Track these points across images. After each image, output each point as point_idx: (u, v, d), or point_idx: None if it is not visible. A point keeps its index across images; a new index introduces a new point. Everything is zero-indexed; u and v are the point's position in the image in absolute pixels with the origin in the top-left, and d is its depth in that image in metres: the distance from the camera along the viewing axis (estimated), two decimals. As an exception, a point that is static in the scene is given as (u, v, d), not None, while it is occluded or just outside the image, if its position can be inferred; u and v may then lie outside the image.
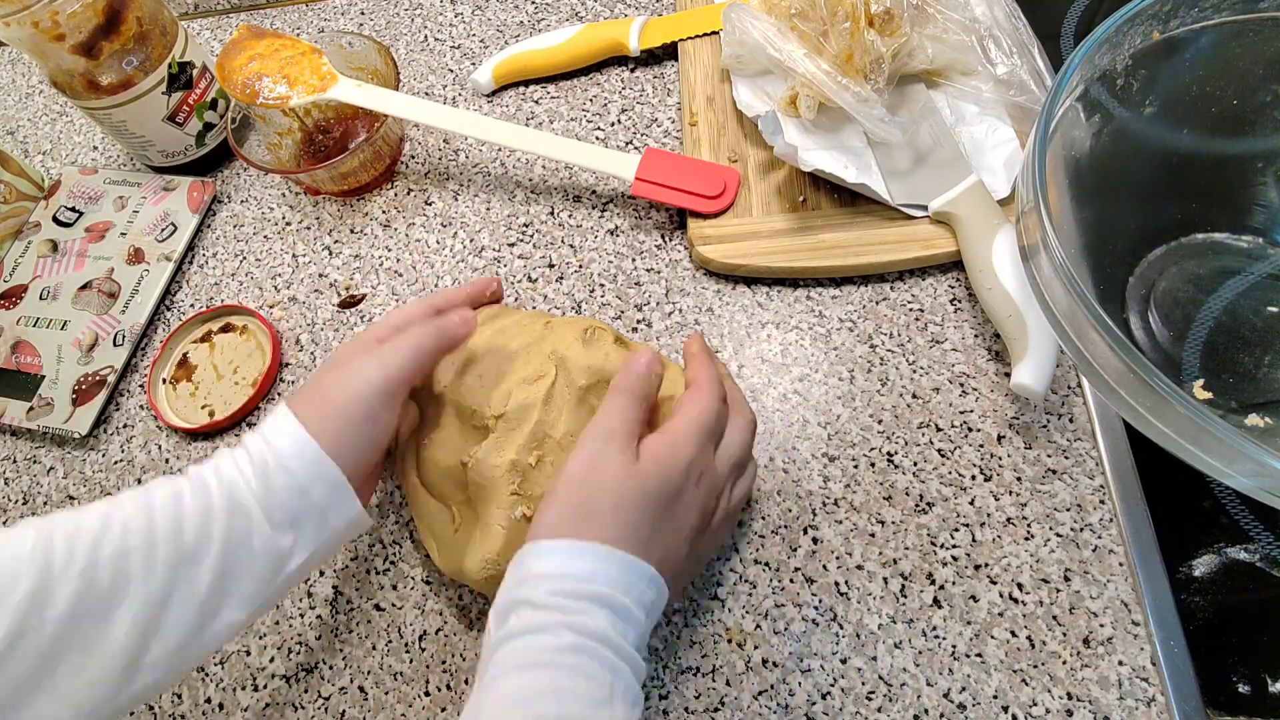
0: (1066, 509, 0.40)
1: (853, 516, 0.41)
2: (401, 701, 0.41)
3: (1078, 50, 0.37)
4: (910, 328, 0.46)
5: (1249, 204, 0.42)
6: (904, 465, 0.42)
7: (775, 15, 0.48)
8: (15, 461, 0.52)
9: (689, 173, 0.50)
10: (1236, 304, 0.41)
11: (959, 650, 0.37)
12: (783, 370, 0.46)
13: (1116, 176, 0.42)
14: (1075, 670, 0.36)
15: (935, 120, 0.49)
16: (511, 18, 0.65)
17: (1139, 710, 0.35)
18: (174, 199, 0.59)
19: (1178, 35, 0.39)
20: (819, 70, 0.45)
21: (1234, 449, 0.28)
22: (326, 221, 0.58)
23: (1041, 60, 0.48)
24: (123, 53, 0.53)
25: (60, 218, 0.60)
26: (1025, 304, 0.40)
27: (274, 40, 0.55)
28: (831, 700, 0.37)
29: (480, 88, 0.60)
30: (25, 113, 0.70)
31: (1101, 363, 0.32)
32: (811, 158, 0.46)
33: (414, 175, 0.58)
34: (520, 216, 0.55)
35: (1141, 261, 0.43)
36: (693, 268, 0.50)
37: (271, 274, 0.56)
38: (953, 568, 0.39)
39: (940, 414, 0.43)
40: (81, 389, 0.52)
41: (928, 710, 0.36)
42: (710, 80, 0.55)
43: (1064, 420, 0.42)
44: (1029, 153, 0.35)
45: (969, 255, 0.44)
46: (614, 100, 0.58)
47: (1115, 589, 0.38)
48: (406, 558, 0.44)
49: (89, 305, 0.55)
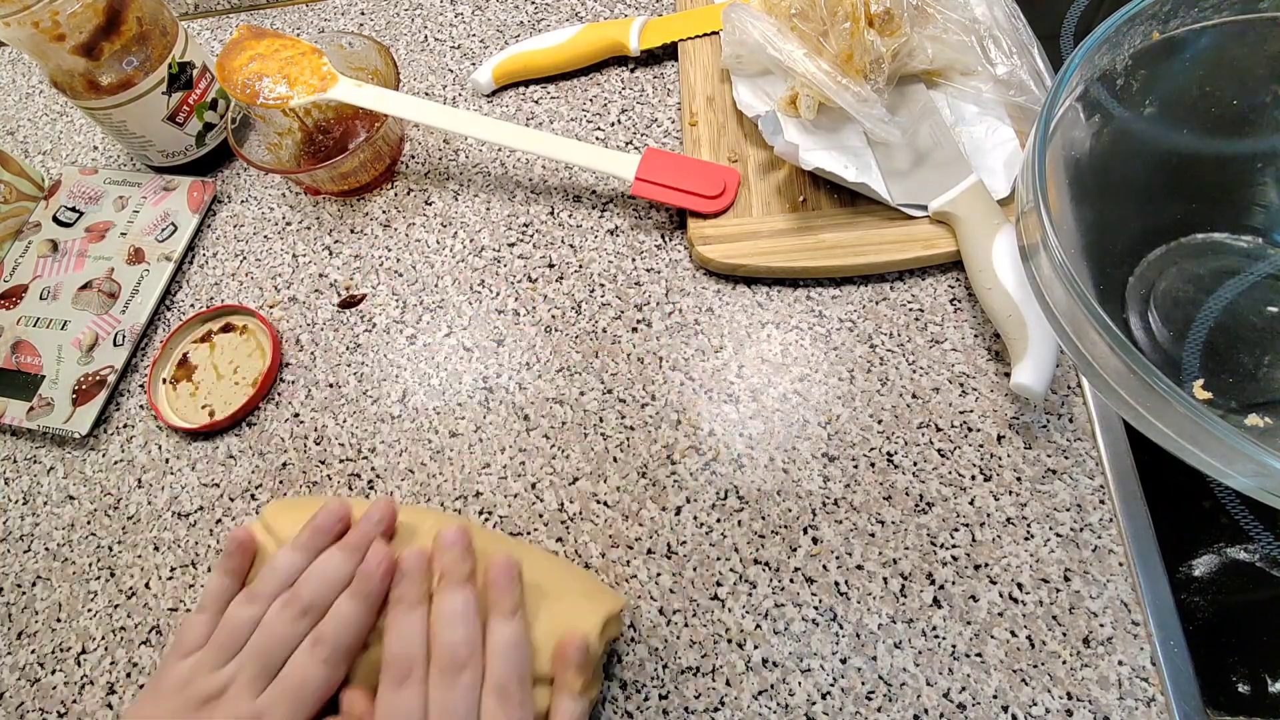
0: (1066, 509, 0.40)
1: (853, 516, 0.41)
2: (401, 701, 0.41)
3: (1078, 50, 0.37)
4: (910, 328, 0.46)
5: (1249, 204, 0.42)
6: (904, 465, 0.42)
7: (775, 15, 0.48)
8: (15, 461, 0.52)
9: (689, 173, 0.50)
10: (1236, 304, 0.41)
11: (959, 650, 0.37)
12: (783, 370, 0.46)
13: (1116, 176, 0.42)
14: (1075, 670, 0.36)
15: (935, 120, 0.49)
16: (511, 18, 0.65)
17: (1139, 710, 0.35)
18: (174, 199, 0.59)
19: (1178, 35, 0.39)
20: (819, 70, 0.45)
21: (1234, 449, 0.28)
22: (326, 221, 0.58)
23: (1041, 60, 0.48)
24: (123, 53, 0.53)
25: (60, 218, 0.60)
26: (1025, 304, 0.40)
27: (274, 40, 0.55)
28: (831, 700, 0.37)
29: (480, 88, 0.60)
30: (25, 113, 0.70)
31: (1101, 363, 0.32)
32: (812, 157, 0.46)
33: (414, 175, 0.58)
34: (520, 216, 0.55)
35: (1141, 261, 0.43)
36: (693, 268, 0.50)
37: (271, 274, 0.56)
38: (953, 568, 0.39)
39: (940, 414, 0.43)
40: (81, 389, 0.52)
41: (928, 710, 0.36)
42: (710, 80, 0.55)
43: (1064, 420, 0.42)
44: (1029, 153, 0.35)
45: (969, 255, 0.44)
46: (614, 100, 0.58)
47: (1115, 589, 0.38)
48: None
49: (89, 305, 0.55)
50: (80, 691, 0.44)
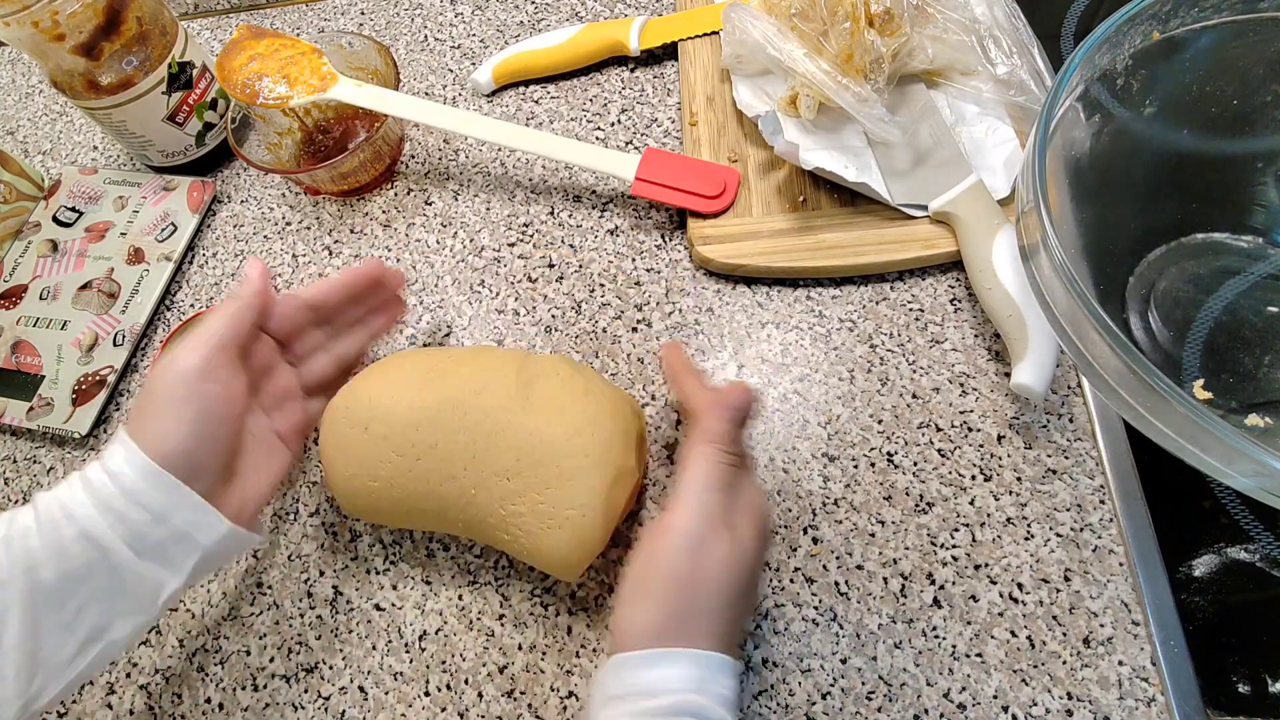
0: (1066, 509, 0.40)
1: (853, 516, 0.41)
2: (401, 701, 0.41)
3: (1078, 50, 0.37)
4: (910, 328, 0.46)
5: (1249, 204, 0.42)
6: (904, 465, 0.42)
7: (775, 15, 0.48)
8: (15, 461, 0.52)
9: (689, 173, 0.50)
10: (1236, 304, 0.41)
11: (959, 650, 0.37)
12: (783, 370, 0.46)
13: (1116, 176, 0.42)
14: (1075, 670, 0.36)
15: (935, 120, 0.49)
16: (511, 18, 0.65)
17: (1139, 710, 0.35)
18: (174, 199, 0.59)
19: (1178, 35, 0.39)
20: (819, 70, 0.45)
21: (1234, 449, 0.28)
22: (326, 221, 0.58)
23: (1041, 60, 0.48)
24: (123, 53, 0.53)
25: (60, 218, 0.60)
26: (1025, 304, 0.40)
27: (274, 40, 0.55)
28: (831, 700, 0.37)
29: (480, 88, 0.60)
30: (25, 113, 0.70)
31: (1101, 363, 0.32)
32: (812, 157, 0.46)
33: (414, 175, 0.58)
34: (520, 216, 0.55)
35: (1141, 261, 0.43)
36: (693, 268, 0.50)
37: (271, 274, 0.56)
38: (953, 568, 0.39)
39: (940, 414, 0.43)
40: (81, 389, 0.52)
41: (928, 710, 0.36)
42: (710, 80, 0.55)
43: (1064, 420, 0.42)
44: (1029, 153, 0.35)
45: (969, 255, 0.44)
46: (614, 100, 0.58)
47: (1115, 589, 0.38)
48: (406, 558, 0.44)
49: (89, 305, 0.55)
50: (80, 691, 0.44)
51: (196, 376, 0.35)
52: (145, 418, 0.34)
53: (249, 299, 0.38)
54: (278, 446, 0.39)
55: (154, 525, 0.33)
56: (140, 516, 0.33)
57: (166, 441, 0.33)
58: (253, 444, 0.38)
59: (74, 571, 0.32)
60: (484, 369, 0.39)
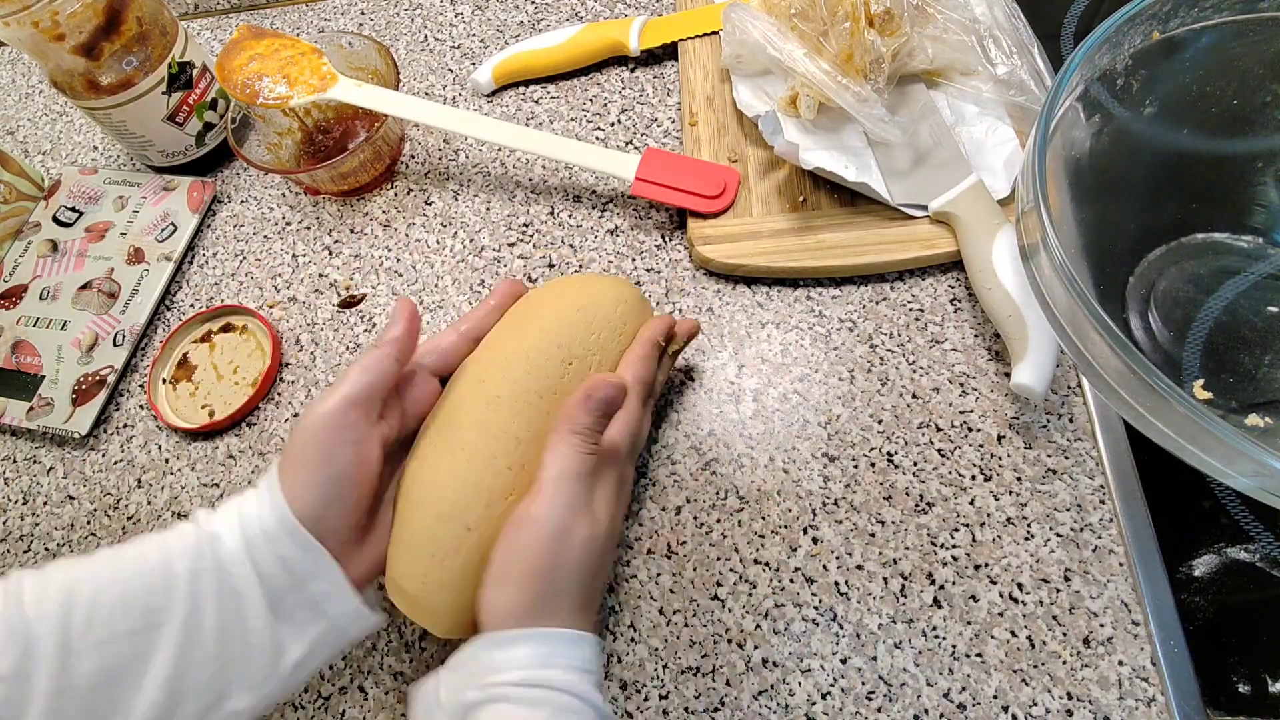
0: (1066, 509, 0.40)
1: (853, 516, 0.41)
2: (401, 701, 0.41)
3: (1078, 50, 0.37)
4: (910, 328, 0.46)
5: (1249, 204, 0.42)
6: (904, 465, 0.42)
7: (775, 15, 0.48)
8: (15, 461, 0.52)
9: (689, 173, 0.50)
10: (1236, 304, 0.41)
11: (959, 650, 0.37)
12: (783, 370, 0.46)
13: (1116, 176, 0.42)
14: (1075, 670, 0.36)
15: (935, 120, 0.49)
16: (511, 18, 0.65)
17: (1139, 710, 0.35)
18: (174, 199, 0.59)
19: (1178, 35, 0.39)
20: (819, 70, 0.45)
21: (1234, 449, 0.28)
22: (326, 221, 0.58)
23: (1041, 60, 0.48)
24: (123, 53, 0.53)
25: (60, 218, 0.60)
26: (1025, 304, 0.40)
27: (274, 40, 0.55)
28: (831, 700, 0.37)
29: (480, 88, 0.60)
30: (25, 113, 0.70)
31: (1101, 363, 0.32)
32: (812, 157, 0.46)
33: (414, 175, 0.58)
34: (520, 216, 0.55)
35: (1141, 261, 0.43)
36: (693, 268, 0.50)
37: (271, 274, 0.56)
38: (953, 568, 0.39)
39: (940, 414, 0.43)
40: (81, 389, 0.52)
41: (928, 710, 0.36)
42: (710, 80, 0.55)
43: (1064, 420, 0.42)
44: (1029, 153, 0.35)
45: (969, 255, 0.44)
46: (614, 100, 0.58)
47: (1115, 589, 0.38)
48: (406, 558, 0.44)
49: (89, 305, 0.55)
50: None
51: (332, 435, 0.33)
52: (285, 473, 0.33)
53: (388, 347, 0.35)
54: None
55: (285, 578, 0.32)
56: (273, 567, 0.31)
57: (295, 501, 0.32)
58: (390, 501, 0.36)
59: (225, 627, 0.31)
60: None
